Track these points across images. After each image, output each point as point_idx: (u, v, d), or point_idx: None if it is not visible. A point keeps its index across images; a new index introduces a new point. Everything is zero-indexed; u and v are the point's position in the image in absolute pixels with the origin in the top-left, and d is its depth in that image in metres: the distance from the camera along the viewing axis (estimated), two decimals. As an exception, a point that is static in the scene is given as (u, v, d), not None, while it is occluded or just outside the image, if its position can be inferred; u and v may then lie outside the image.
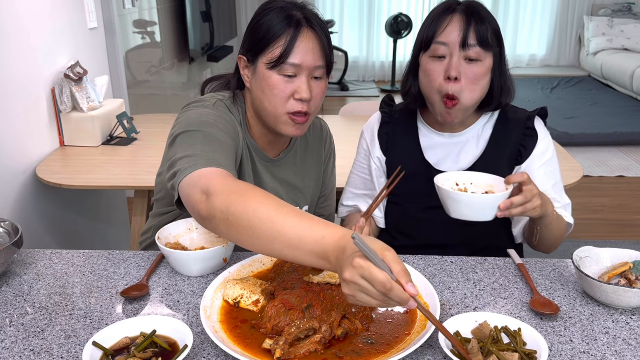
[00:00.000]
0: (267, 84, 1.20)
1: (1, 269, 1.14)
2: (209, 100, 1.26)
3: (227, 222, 0.95)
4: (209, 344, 0.95)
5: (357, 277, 0.80)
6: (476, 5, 1.32)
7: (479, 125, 1.42)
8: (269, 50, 1.19)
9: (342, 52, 7.01)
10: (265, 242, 0.92)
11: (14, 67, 2.01)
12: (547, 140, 1.41)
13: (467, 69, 1.28)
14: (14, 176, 2.03)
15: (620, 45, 6.87)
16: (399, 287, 0.80)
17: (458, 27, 1.28)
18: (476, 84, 1.30)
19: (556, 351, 0.93)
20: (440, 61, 1.30)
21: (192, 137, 1.13)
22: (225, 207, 0.95)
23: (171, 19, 4.09)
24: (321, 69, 1.22)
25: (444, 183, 1.23)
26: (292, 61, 1.17)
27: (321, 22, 1.22)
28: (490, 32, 1.29)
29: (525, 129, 1.40)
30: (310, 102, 1.22)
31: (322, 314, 0.94)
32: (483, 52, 1.28)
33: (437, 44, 1.30)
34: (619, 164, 4.43)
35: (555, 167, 1.41)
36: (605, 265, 1.14)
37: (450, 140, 1.42)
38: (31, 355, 0.93)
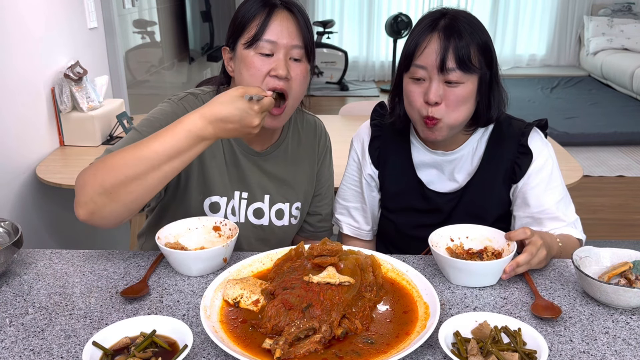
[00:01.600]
0: (245, 64, 1.22)
1: (1, 269, 1.14)
2: (183, 94, 1.33)
3: (111, 197, 1.05)
4: (209, 344, 0.95)
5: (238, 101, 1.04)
6: (460, 19, 1.23)
7: (472, 142, 1.36)
8: (246, 31, 1.23)
9: (342, 52, 7.01)
10: (153, 175, 1.05)
11: (14, 67, 2.01)
12: (545, 156, 1.33)
13: (448, 92, 1.22)
14: (14, 176, 2.03)
15: (620, 45, 6.87)
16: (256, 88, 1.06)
17: (436, 49, 1.20)
18: (458, 107, 1.23)
19: (556, 351, 0.93)
20: (419, 84, 1.24)
21: (129, 134, 1.25)
22: (100, 187, 1.05)
23: (171, 19, 4.09)
24: (299, 49, 1.23)
25: (438, 242, 1.18)
26: (268, 37, 1.20)
27: (299, 7, 1.25)
28: (474, 51, 1.21)
29: (519, 146, 1.33)
30: (290, 82, 1.23)
31: (322, 314, 0.94)
32: (464, 75, 1.21)
33: (416, 66, 1.23)
34: (619, 164, 4.43)
35: (557, 182, 1.34)
36: (605, 265, 1.14)
37: (443, 158, 1.37)
38: (31, 355, 0.93)
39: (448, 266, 1.12)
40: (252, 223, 1.39)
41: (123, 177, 1.04)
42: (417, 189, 1.39)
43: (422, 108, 1.25)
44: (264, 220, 1.39)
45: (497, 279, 1.13)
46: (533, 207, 1.33)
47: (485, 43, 1.23)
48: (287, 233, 1.45)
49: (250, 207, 1.38)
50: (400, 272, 1.12)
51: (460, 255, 1.17)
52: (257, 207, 1.38)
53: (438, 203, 1.39)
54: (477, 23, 1.25)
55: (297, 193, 1.44)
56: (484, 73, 1.25)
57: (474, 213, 1.36)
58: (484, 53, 1.23)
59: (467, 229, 1.22)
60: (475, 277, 1.11)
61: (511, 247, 1.14)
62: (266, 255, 1.17)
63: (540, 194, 1.32)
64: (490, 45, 1.25)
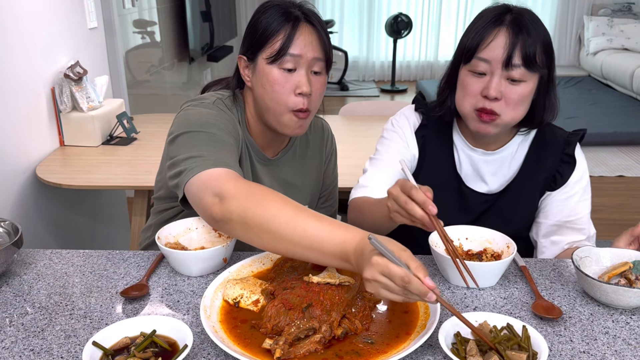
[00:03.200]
0: (268, 79, 1.21)
1: (1, 269, 1.14)
2: (209, 98, 1.27)
3: (246, 226, 0.99)
4: (209, 344, 0.95)
5: (376, 274, 0.85)
6: (527, 16, 1.20)
7: (513, 145, 1.35)
8: (268, 45, 1.20)
9: (342, 52, 7.01)
10: (287, 245, 0.97)
11: (15, 67, 2.01)
12: (585, 167, 1.35)
13: (509, 89, 1.20)
14: (14, 176, 2.03)
15: (620, 45, 6.87)
16: (417, 280, 0.83)
17: (504, 44, 1.18)
18: (518, 106, 1.22)
19: (556, 351, 0.93)
20: (479, 78, 1.22)
21: (195, 137, 1.15)
22: (243, 211, 0.98)
23: (171, 19, 4.09)
24: (321, 62, 1.23)
25: (438, 242, 1.17)
26: (292, 52, 1.19)
27: (319, 19, 1.24)
28: (539, 50, 1.19)
29: (563, 155, 1.33)
30: (311, 97, 1.23)
31: (322, 314, 0.94)
32: (528, 73, 1.19)
33: (479, 59, 1.21)
34: (619, 164, 4.43)
35: (589, 195, 1.36)
36: (605, 265, 1.14)
37: (483, 157, 1.35)
38: (31, 355, 0.93)
39: (448, 266, 1.12)
40: None
41: (267, 226, 0.97)
42: (454, 184, 1.38)
43: (478, 101, 1.23)
44: None
45: (497, 280, 1.13)
46: (564, 215, 1.33)
47: (548, 42, 1.22)
48: None
49: None
50: (400, 272, 1.12)
51: (459, 257, 1.17)
52: None
53: (472, 202, 1.37)
54: (541, 22, 1.23)
55: (305, 195, 1.44)
56: (544, 73, 1.23)
57: (506, 218, 1.35)
58: (547, 52, 1.22)
59: (467, 230, 1.22)
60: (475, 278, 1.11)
61: (511, 249, 1.14)
62: (266, 255, 1.17)
63: (576, 203, 1.34)
64: (552, 46, 1.23)
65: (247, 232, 1.00)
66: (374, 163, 1.42)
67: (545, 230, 1.36)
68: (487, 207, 1.37)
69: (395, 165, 1.38)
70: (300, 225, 0.95)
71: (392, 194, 1.06)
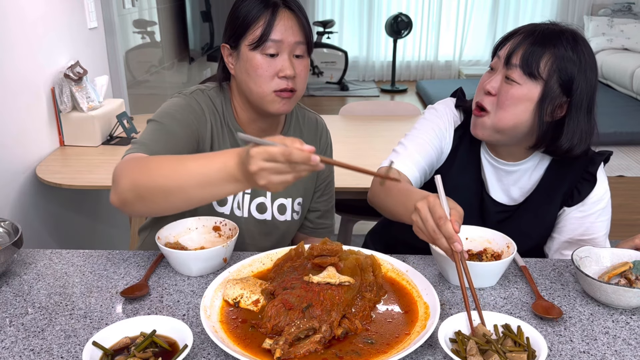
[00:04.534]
0: (251, 65, 1.24)
1: (1, 269, 1.14)
2: (190, 89, 1.34)
3: (139, 197, 1.04)
4: (209, 344, 0.95)
5: (260, 162, 0.87)
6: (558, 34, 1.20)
7: (534, 160, 1.34)
8: (250, 32, 1.24)
9: (342, 52, 7.01)
10: (179, 194, 1.00)
11: (14, 67, 2.01)
12: (605, 187, 1.33)
13: (504, 87, 1.22)
14: (14, 176, 2.03)
15: (620, 45, 6.87)
16: (296, 148, 0.86)
17: (511, 43, 1.22)
18: (506, 107, 1.21)
19: (556, 351, 0.93)
20: (490, 72, 1.27)
21: (149, 126, 1.24)
22: (132, 183, 1.04)
23: (171, 19, 4.09)
24: (302, 45, 1.26)
25: None
26: (273, 38, 1.22)
27: (297, 3, 1.28)
28: (548, 63, 1.18)
29: (585, 172, 1.32)
30: (295, 79, 1.26)
31: (322, 314, 0.94)
32: (524, 77, 1.19)
33: (495, 56, 1.27)
34: (619, 164, 4.43)
35: (608, 216, 1.34)
36: (605, 265, 1.14)
37: (504, 168, 1.35)
38: (31, 355, 0.93)
39: (448, 266, 1.12)
40: (256, 218, 1.40)
41: (153, 184, 1.01)
42: (477, 188, 1.38)
43: (479, 95, 1.27)
44: (266, 215, 1.41)
45: (497, 280, 1.13)
46: (578, 233, 1.33)
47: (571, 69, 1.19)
48: (290, 228, 1.46)
49: (254, 202, 1.39)
50: (400, 272, 1.12)
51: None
52: (260, 202, 1.40)
53: (491, 211, 1.37)
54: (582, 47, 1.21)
55: (298, 189, 1.45)
56: (551, 88, 1.20)
57: (523, 231, 1.33)
58: (561, 73, 1.19)
59: (467, 230, 1.22)
60: (475, 278, 1.11)
61: (511, 249, 1.14)
62: (266, 255, 1.17)
63: (591, 223, 1.33)
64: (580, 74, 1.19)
65: (144, 202, 1.04)
66: (409, 138, 1.39)
67: (557, 246, 1.36)
68: (505, 217, 1.37)
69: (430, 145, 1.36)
70: (182, 169, 0.99)
71: (421, 212, 1.02)
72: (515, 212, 1.37)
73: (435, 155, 1.38)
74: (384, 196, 1.29)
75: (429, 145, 1.37)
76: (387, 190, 1.28)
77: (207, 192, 0.98)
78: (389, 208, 1.27)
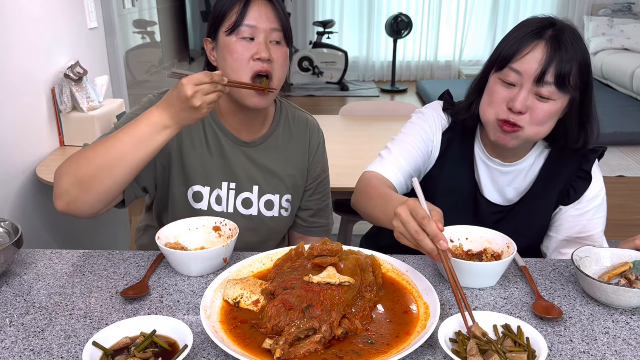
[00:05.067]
0: (228, 50, 1.27)
1: (1, 269, 1.14)
2: (163, 90, 1.36)
3: (83, 186, 1.12)
4: (209, 344, 0.95)
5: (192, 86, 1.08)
6: (569, 33, 1.17)
7: (530, 159, 1.33)
8: (226, 19, 1.28)
9: (342, 52, 7.01)
10: (120, 164, 1.11)
11: (15, 66, 2.01)
12: (601, 184, 1.33)
13: (536, 105, 1.17)
14: (14, 176, 2.03)
15: (620, 45, 6.87)
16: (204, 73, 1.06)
17: (540, 58, 1.14)
18: (542, 123, 1.19)
19: (556, 351, 0.93)
20: (508, 88, 1.19)
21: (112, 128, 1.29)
22: (74, 177, 1.12)
23: (171, 19, 4.09)
24: (278, 32, 1.28)
25: None
26: (248, 22, 1.25)
27: None
28: (574, 70, 1.16)
29: (579, 170, 1.31)
30: (272, 64, 1.27)
31: (322, 314, 0.94)
32: (558, 93, 1.16)
33: (511, 70, 1.18)
34: (619, 164, 4.43)
35: (604, 212, 1.34)
36: (605, 265, 1.14)
37: (499, 168, 1.34)
38: (31, 355, 0.93)
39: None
40: (241, 213, 1.40)
41: (94, 166, 1.11)
42: (471, 190, 1.37)
43: (501, 112, 1.20)
44: (252, 210, 1.41)
45: (497, 280, 1.13)
46: (575, 231, 1.33)
47: (586, 63, 1.18)
48: (278, 224, 1.46)
49: (239, 197, 1.40)
50: (400, 272, 1.12)
51: (459, 257, 1.17)
52: (245, 197, 1.40)
53: (485, 212, 1.36)
54: (582, 40, 1.20)
55: (287, 186, 1.45)
56: (575, 95, 1.20)
57: (518, 231, 1.32)
58: (582, 74, 1.18)
59: (467, 230, 1.22)
60: (474, 278, 1.11)
61: (511, 249, 1.14)
62: (266, 255, 1.17)
63: (588, 220, 1.33)
64: (589, 66, 1.19)
65: (89, 188, 1.12)
66: (395, 142, 1.39)
67: (555, 245, 1.36)
68: (500, 218, 1.37)
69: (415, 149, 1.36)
70: (114, 141, 1.11)
71: (401, 216, 0.98)
72: (510, 213, 1.36)
73: (421, 159, 1.37)
74: (365, 202, 1.29)
75: (415, 149, 1.36)
76: (367, 195, 1.28)
77: (143, 150, 1.11)
78: (370, 213, 1.27)
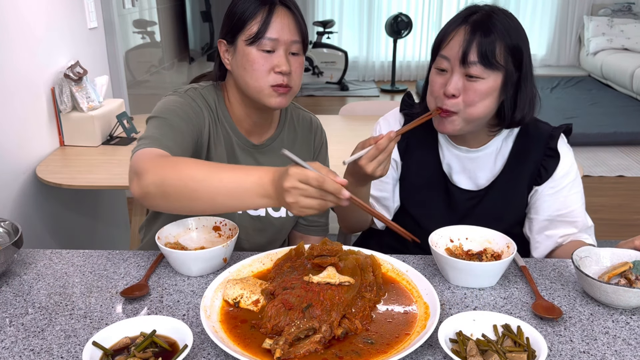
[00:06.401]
0: (248, 59, 1.25)
1: (1, 269, 1.14)
2: (184, 88, 1.35)
3: (164, 194, 1.05)
4: (209, 344, 0.95)
5: (294, 181, 0.92)
6: (494, 16, 1.22)
7: (497, 142, 1.36)
8: (247, 28, 1.25)
9: (342, 52, 7.01)
10: (207, 200, 1.02)
11: (15, 67, 2.01)
12: (570, 161, 1.35)
13: (468, 86, 1.22)
14: (14, 176, 2.03)
15: (620, 45, 6.87)
16: (330, 178, 0.92)
17: (460, 41, 1.21)
18: (476, 103, 1.22)
19: (556, 351, 0.93)
20: (442, 75, 1.25)
21: (153, 122, 1.24)
22: (159, 180, 1.04)
23: (171, 19, 4.09)
24: (297, 44, 1.28)
25: (437, 242, 1.17)
26: (270, 36, 1.24)
27: (293, 2, 1.29)
28: (500, 49, 1.20)
29: (546, 149, 1.33)
30: (290, 76, 1.27)
31: (322, 314, 0.94)
32: (486, 71, 1.20)
33: (441, 57, 1.25)
34: (619, 164, 4.43)
35: (581, 187, 1.36)
36: (605, 265, 1.14)
37: (467, 155, 1.37)
38: (31, 355, 0.93)
39: (448, 266, 1.12)
40: (249, 214, 1.40)
41: (183, 185, 1.02)
42: (441, 182, 1.39)
43: (439, 99, 1.25)
44: (260, 211, 1.41)
45: (497, 280, 1.13)
46: (554, 209, 1.34)
47: (515, 43, 1.22)
48: (285, 224, 1.46)
49: None
50: (400, 272, 1.12)
51: (459, 257, 1.17)
52: None
53: (458, 200, 1.38)
54: (514, 23, 1.23)
55: None
56: (510, 72, 1.23)
57: (495, 215, 1.35)
58: (512, 53, 1.22)
59: (467, 230, 1.22)
60: (474, 278, 1.11)
61: (511, 249, 1.14)
62: (266, 255, 1.17)
63: (565, 197, 1.33)
64: (523, 47, 1.23)
65: (167, 200, 1.05)
66: None
67: (538, 226, 1.37)
68: (475, 203, 1.38)
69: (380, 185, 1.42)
70: (216, 177, 1.01)
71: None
72: (484, 198, 1.37)
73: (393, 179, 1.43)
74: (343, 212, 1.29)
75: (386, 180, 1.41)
76: None
77: (235, 202, 1.01)
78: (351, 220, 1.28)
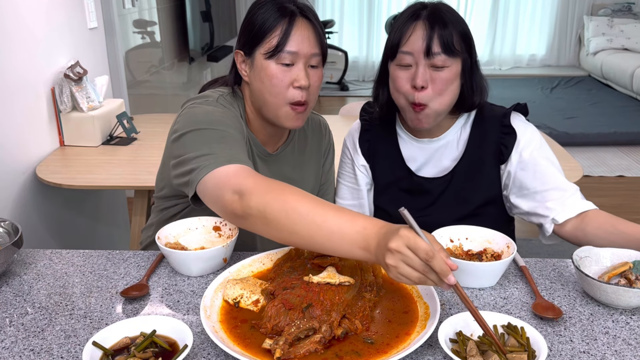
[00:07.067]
0: (266, 74, 1.22)
1: (1, 269, 1.14)
2: (212, 96, 1.27)
3: (265, 221, 0.99)
4: (209, 344, 0.95)
5: (402, 246, 0.85)
6: (441, 9, 1.29)
7: (456, 128, 1.40)
8: (266, 41, 1.21)
9: (342, 52, 7.00)
10: (306, 236, 0.96)
11: (15, 67, 2.01)
12: (530, 132, 1.37)
13: (435, 76, 1.27)
14: (14, 176, 2.03)
15: (620, 45, 6.87)
16: (440, 257, 0.84)
17: (422, 35, 1.25)
18: (444, 91, 1.28)
19: (556, 351, 0.93)
20: (406, 69, 1.29)
21: (203, 135, 1.15)
22: (263, 206, 0.99)
23: (171, 19, 4.09)
24: (317, 57, 1.25)
25: None
26: (289, 49, 1.20)
27: (314, 13, 1.26)
28: (456, 37, 1.27)
29: (502, 127, 1.38)
30: (309, 90, 1.25)
31: (322, 314, 0.94)
32: (449, 59, 1.26)
33: (403, 53, 1.28)
34: (619, 164, 4.43)
35: (551, 153, 1.38)
36: (605, 265, 1.14)
37: (429, 145, 1.41)
38: (31, 355, 0.93)
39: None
40: None
41: (286, 218, 0.97)
42: (406, 178, 1.43)
43: (409, 94, 1.29)
44: None
45: (497, 280, 1.13)
46: (532, 178, 1.34)
47: (465, 31, 1.30)
48: None
49: None
50: (400, 272, 1.12)
51: (459, 257, 1.17)
52: None
53: (426, 188, 1.42)
54: (457, 13, 1.31)
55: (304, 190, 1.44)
56: (465, 58, 1.30)
57: (463, 196, 1.39)
58: (464, 40, 1.29)
59: (467, 230, 1.22)
60: (474, 278, 1.11)
61: (511, 249, 1.14)
62: (266, 255, 1.17)
63: (535, 164, 1.34)
64: (469, 33, 1.31)
65: (267, 226, 1.00)
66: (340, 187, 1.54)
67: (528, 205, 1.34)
68: (443, 188, 1.40)
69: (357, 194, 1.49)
70: (320, 215, 0.95)
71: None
72: (451, 181, 1.40)
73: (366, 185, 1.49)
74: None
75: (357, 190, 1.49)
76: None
77: (332, 246, 0.95)
78: None
